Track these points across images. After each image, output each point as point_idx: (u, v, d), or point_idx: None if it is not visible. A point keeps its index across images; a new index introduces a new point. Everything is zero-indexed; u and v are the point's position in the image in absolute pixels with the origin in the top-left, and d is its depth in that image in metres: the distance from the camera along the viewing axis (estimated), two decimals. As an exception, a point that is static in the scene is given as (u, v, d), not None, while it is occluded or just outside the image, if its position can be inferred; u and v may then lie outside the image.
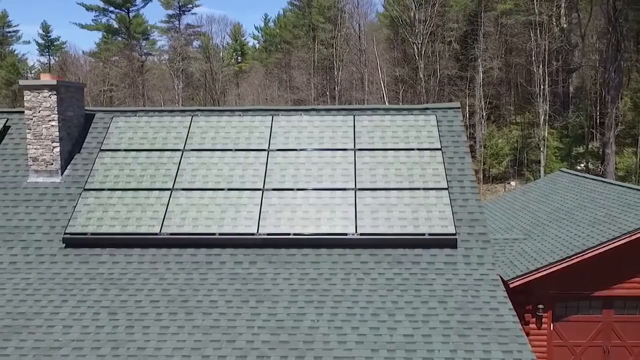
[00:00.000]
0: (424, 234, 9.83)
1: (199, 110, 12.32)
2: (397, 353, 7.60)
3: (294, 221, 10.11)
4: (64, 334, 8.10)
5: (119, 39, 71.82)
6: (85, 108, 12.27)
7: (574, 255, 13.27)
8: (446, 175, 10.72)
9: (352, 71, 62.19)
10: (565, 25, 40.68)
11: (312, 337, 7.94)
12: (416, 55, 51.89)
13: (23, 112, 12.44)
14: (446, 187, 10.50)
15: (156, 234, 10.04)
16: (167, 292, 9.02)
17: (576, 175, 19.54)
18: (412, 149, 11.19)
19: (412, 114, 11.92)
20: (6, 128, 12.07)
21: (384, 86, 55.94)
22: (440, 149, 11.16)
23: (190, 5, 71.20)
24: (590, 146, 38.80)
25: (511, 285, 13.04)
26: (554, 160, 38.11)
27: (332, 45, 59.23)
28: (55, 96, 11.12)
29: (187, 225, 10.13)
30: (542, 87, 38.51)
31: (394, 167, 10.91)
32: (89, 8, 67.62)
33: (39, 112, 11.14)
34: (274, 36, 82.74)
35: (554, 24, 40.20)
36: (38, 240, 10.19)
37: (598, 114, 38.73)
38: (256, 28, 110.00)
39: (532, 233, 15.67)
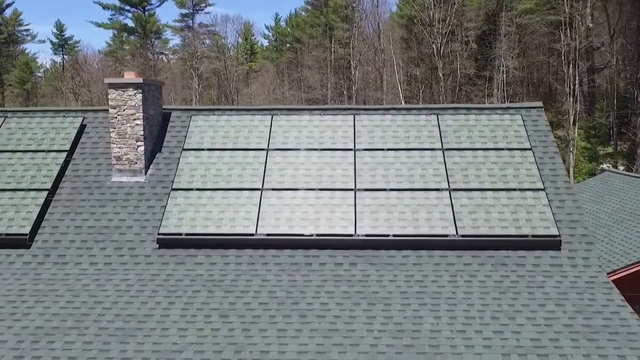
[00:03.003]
0: (526, 236, 9.65)
1: (277, 109, 12.15)
2: (529, 358, 7.42)
3: (391, 222, 9.94)
4: (181, 337, 7.93)
5: (132, 38, 71.69)
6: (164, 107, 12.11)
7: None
8: (540, 175, 10.55)
9: (366, 70, 62.03)
10: (591, 25, 40.48)
11: (436, 341, 7.76)
12: (435, 54, 51.77)
13: (98, 110, 12.33)
14: (542, 187, 10.33)
15: (252, 234, 9.87)
16: (274, 295, 8.85)
17: (627, 175, 19.38)
18: (502, 149, 11.02)
19: (495, 114, 11.74)
20: (83, 127, 11.89)
21: (400, 86, 55.80)
22: (530, 149, 10.99)
23: (204, 5, 70.99)
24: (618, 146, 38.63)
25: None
26: (581, 161, 37.91)
27: (349, 44, 59.03)
28: (141, 94, 10.96)
29: (283, 226, 9.96)
30: (572, 86, 38.33)
31: (486, 167, 10.73)
32: (105, 7, 67.53)
33: (124, 110, 10.97)
34: (285, 35, 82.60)
35: (580, 23, 39.98)
36: (130, 240, 10.02)
37: (630, 113, 38.47)
38: (267, 27, 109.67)
39: (598, 235, 15.50)
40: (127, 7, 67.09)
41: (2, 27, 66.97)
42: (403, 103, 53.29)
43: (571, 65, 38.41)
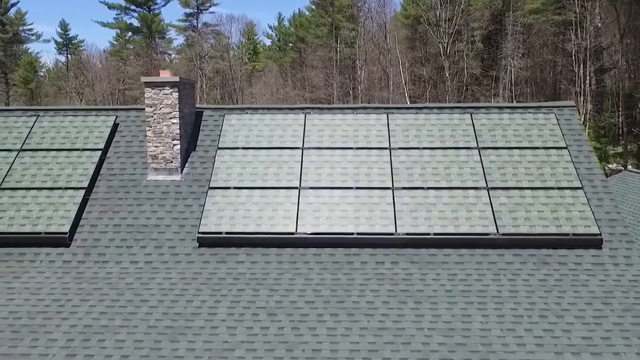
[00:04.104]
0: (567, 234, 9.65)
1: (309, 107, 12.14)
2: (583, 356, 7.42)
3: (431, 220, 9.94)
4: (231, 336, 7.92)
5: (135, 37, 71.58)
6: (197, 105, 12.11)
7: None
8: (577, 174, 10.55)
9: (372, 70, 61.99)
10: (599, 25, 40.52)
11: (487, 340, 7.76)
12: (442, 54, 51.75)
13: (129, 109, 12.32)
14: (580, 186, 10.33)
15: (292, 233, 9.86)
16: (319, 293, 8.84)
17: (646, 175, 19.40)
18: (538, 148, 11.02)
19: (529, 113, 11.75)
20: (115, 125, 11.87)
21: (406, 85, 55.79)
22: (566, 148, 10.99)
23: (208, 4, 70.93)
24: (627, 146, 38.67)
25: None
26: (592, 160, 37.74)
27: (355, 44, 59.01)
28: (177, 93, 10.94)
29: (323, 225, 9.95)
30: (582, 86, 38.36)
31: (523, 166, 10.74)
32: (111, 6, 67.50)
33: (160, 109, 10.96)
34: (288, 35, 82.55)
35: (589, 23, 40.01)
36: (169, 239, 10.01)
37: (637, 112, 38.55)
38: (270, 27, 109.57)
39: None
40: (133, 7, 67.05)
41: (7, 26, 66.83)
42: (409, 103, 53.27)
43: (582, 65, 38.44)
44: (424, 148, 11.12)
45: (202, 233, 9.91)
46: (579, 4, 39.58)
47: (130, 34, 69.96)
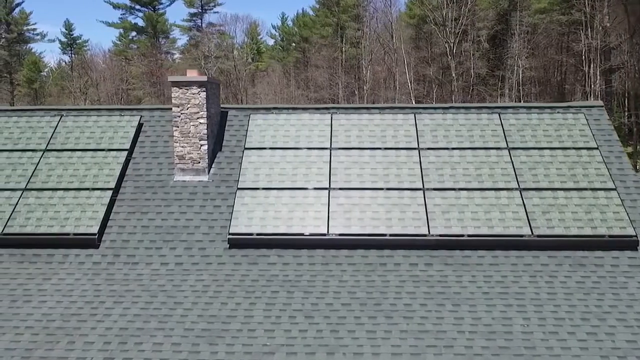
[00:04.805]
0: (603, 236, 9.54)
1: (335, 107, 12.03)
2: (630, 360, 7.32)
3: (464, 222, 9.82)
4: (269, 339, 7.81)
5: (139, 37, 71.48)
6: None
7: None
8: (610, 174, 10.44)
9: (376, 70, 61.84)
10: (608, 24, 40.41)
11: (530, 343, 7.65)
12: (448, 53, 51.62)
13: (153, 109, 12.21)
14: (614, 187, 10.22)
15: (324, 234, 9.75)
16: (354, 295, 8.73)
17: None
18: (568, 148, 10.91)
19: (558, 113, 11.64)
20: (140, 125, 11.76)
21: (411, 85, 55.67)
22: (597, 148, 10.88)
23: (213, 4, 70.82)
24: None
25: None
26: (600, 161, 37.59)
27: (360, 43, 58.89)
28: (205, 93, 10.83)
29: (354, 226, 9.84)
30: (592, 86, 38.25)
31: (554, 167, 10.62)
32: (116, 6, 67.35)
33: (187, 109, 10.85)
34: (292, 35, 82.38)
35: (599, 22, 39.90)
36: (199, 240, 9.89)
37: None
38: (273, 27, 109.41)
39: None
40: (138, 7, 66.95)
41: (13, 26, 66.73)
42: (414, 103, 53.15)
43: (592, 65, 38.33)
44: (453, 148, 11.00)
45: (233, 234, 9.80)
46: (589, 3, 39.44)
47: (134, 33, 69.82)
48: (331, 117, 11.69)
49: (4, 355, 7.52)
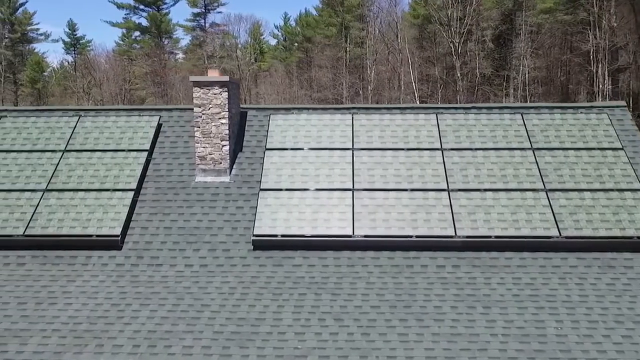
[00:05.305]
0: (632, 237, 9.45)
1: (355, 107, 11.94)
2: (668, 363, 7.22)
3: (490, 223, 9.73)
4: (300, 342, 7.71)
5: (143, 37, 71.37)
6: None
7: None
8: (636, 175, 10.35)
9: (380, 70, 61.78)
10: (615, 24, 40.33)
11: (565, 346, 7.55)
12: (453, 53, 51.57)
13: (172, 109, 12.13)
14: (641, 188, 10.13)
15: (350, 235, 9.65)
16: (383, 297, 8.63)
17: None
18: (593, 149, 10.81)
19: (581, 113, 11.54)
20: (159, 125, 11.67)
21: (416, 85, 55.60)
22: (622, 149, 10.79)
23: (216, 4, 70.75)
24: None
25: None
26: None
27: (364, 43, 58.83)
28: (226, 93, 10.74)
29: (380, 227, 9.74)
30: (600, 86, 38.18)
31: (579, 167, 10.53)
32: (120, 6, 67.30)
33: (209, 109, 10.75)
34: (295, 35, 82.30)
35: (606, 22, 39.84)
36: (223, 242, 9.80)
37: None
38: (276, 27, 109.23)
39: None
40: (142, 7, 66.88)
41: (16, 26, 66.65)
42: (418, 103, 53.07)
43: (600, 65, 38.25)
44: (476, 149, 10.91)
45: (257, 236, 9.70)
46: (597, 3, 39.35)
47: (137, 33, 69.72)
48: (352, 118, 11.59)
49: (33, 358, 7.43)
